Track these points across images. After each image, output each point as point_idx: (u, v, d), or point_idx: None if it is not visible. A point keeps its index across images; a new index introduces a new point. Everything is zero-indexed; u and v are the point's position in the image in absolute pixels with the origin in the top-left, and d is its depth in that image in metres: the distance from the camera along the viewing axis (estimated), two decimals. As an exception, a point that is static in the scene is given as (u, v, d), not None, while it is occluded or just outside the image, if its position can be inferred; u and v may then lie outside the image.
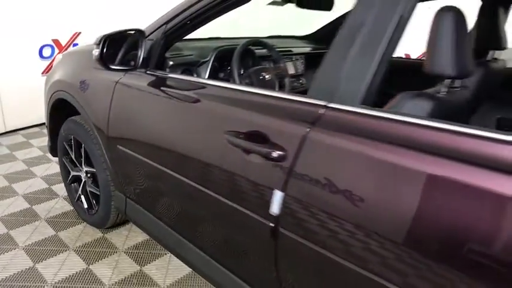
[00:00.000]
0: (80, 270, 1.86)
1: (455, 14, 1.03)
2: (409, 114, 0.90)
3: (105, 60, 1.45)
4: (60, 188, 2.54)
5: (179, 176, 1.39)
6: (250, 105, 1.17)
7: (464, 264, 0.73)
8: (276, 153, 1.02)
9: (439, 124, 0.82)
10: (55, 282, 1.77)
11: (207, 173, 1.28)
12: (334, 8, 1.78)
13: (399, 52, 1.12)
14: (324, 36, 2.55)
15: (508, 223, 0.68)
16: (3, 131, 3.48)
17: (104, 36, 1.42)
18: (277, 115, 1.07)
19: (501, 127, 1.87)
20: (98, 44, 1.41)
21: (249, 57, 1.85)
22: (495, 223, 0.70)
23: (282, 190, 1.02)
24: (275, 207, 1.04)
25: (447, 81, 1.08)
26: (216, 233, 1.38)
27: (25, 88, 3.43)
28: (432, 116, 0.97)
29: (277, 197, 1.03)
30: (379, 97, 1.01)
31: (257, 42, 1.88)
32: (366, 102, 0.94)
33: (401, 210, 0.81)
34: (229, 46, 1.78)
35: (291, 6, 2.08)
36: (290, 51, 2.21)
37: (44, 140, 3.33)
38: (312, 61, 2.34)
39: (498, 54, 1.77)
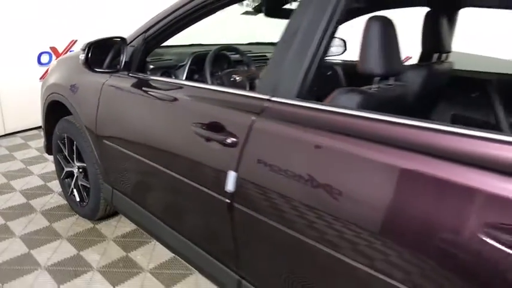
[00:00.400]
0: (71, 256, 2.04)
1: (382, 22, 1.23)
2: (335, 105, 1.10)
3: (90, 64, 1.65)
4: (56, 185, 2.73)
5: (157, 165, 1.57)
6: (213, 100, 1.36)
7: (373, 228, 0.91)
8: (229, 140, 1.21)
9: (361, 113, 1.01)
10: (48, 266, 1.95)
11: (179, 161, 1.47)
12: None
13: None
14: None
15: (413, 190, 0.86)
16: (3, 134, 3.68)
17: (88, 43, 1.62)
18: (232, 108, 1.27)
19: (455, 122, 2.06)
20: (84, 50, 1.62)
21: (223, 61, 2.05)
22: (404, 191, 0.88)
23: (235, 171, 1.21)
24: (230, 186, 1.23)
25: (376, 79, 1.28)
26: (189, 215, 1.56)
27: (24, 93, 3.63)
28: (362, 107, 1.16)
29: (231, 176, 1.22)
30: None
31: (229, 48, 2.08)
32: (301, 96, 1.13)
33: (329, 182, 0.99)
34: (204, 51, 1.98)
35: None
36: (265, 56, 2.41)
37: (41, 142, 3.51)
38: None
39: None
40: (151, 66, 1.86)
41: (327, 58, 2.15)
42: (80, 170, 2.26)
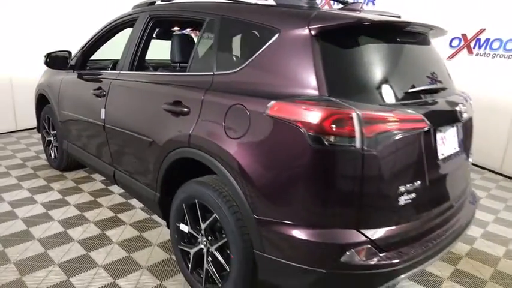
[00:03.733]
0: (43, 185, 3.35)
1: (181, 36, 2.54)
2: (142, 72, 2.40)
3: (48, 65, 3.03)
4: (44, 156, 4.07)
5: (83, 117, 2.88)
6: (104, 77, 2.68)
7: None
8: (103, 93, 2.53)
9: (149, 73, 2.31)
10: (29, 188, 3.26)
11: (88, 111, 2.78)
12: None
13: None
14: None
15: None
16: (16, 129, 5.12)
17: (47, 53, 3.01)
18: (107, 78, 2.58)
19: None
20: (45, 57, 3.00)
21: None
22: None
23: (104, 108, 2.51)
24: (102, 116, 2.52)
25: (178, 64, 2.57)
26: (90, 139, 2.85)
27: (30, 102, 5.06)
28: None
29: (103, 111, 2.52)
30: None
31: None
32: (131, 70, 2.43)
33: (131, 103, 2.28)
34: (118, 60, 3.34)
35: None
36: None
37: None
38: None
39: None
40: (88, 67, 3.23)
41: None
42: (54, 136, 3.60)
